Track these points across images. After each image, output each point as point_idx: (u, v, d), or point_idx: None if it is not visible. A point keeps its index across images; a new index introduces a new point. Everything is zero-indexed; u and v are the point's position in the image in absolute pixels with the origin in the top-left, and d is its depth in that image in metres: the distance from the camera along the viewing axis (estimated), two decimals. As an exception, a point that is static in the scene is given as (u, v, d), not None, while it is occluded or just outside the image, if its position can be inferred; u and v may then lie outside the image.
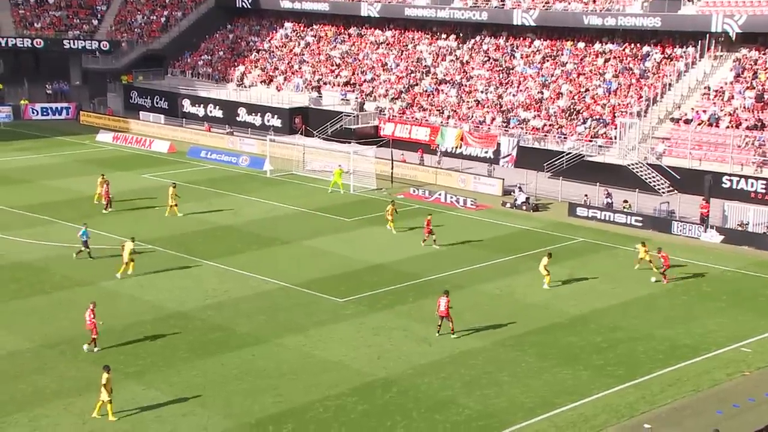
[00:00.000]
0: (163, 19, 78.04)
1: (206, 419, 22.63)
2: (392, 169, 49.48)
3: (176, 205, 41.33)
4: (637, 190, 44.23)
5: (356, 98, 61.34)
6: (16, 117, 66.31)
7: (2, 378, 24.49)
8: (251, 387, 24.31)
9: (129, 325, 28.47)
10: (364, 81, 63.80)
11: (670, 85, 52.75)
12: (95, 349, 26.41)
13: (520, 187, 45.29)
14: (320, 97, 63.13)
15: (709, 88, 51.37)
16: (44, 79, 72.33)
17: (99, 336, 26.49)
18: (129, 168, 52.29)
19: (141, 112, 66.61)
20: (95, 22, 78.43)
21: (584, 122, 52.58)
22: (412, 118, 58.27)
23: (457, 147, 54.83)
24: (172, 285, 32.30)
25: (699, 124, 49.08)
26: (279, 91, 65.84)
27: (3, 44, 73.20)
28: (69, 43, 75.20)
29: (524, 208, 44.52)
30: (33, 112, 68.19)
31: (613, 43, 57.80)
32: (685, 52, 54.42)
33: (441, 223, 41.10)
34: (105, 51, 75.12)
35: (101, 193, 43.09)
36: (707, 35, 53.05)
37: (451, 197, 45.69)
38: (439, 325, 27.98)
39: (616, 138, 50.27)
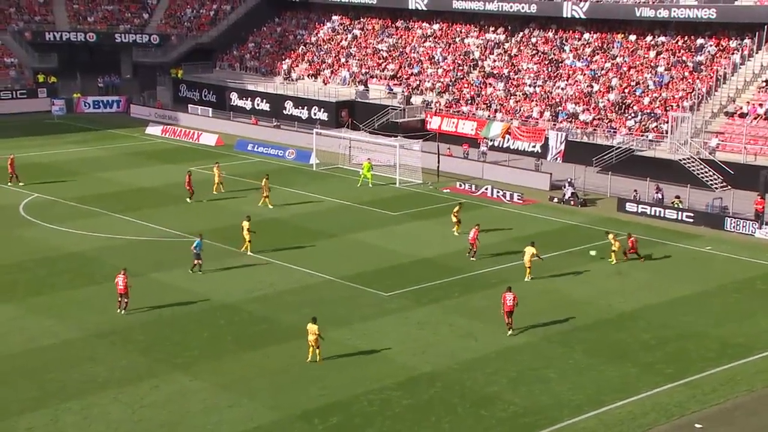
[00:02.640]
0: (212, 13, 78.89)
1: (252, 411, 22.87)
2: (438, 163, 49.34)
3: (268, 196, 41.60)
4: (688, 185, 43.48)
5: (403, 92, 61.28)
6: (69, 110, 67.67)
7: (56, 366, 25.05)
8: (296, 379, 24.50)
9: (177, 316, 28.91)
10: (411, 74, 63.70)
11: (724, 77, 51.68)
12: (122, 312, 28.41)
13: (570, 182, 44.80)
14: (367, 90, 63.20)
15: (766, 82, 50.20)
16: (96, 72, 73.66)
17: (129, 304, 28.57)
18: (176, 161, 53.00)
19: (189, 105, 67.45)
20: (146, 16, 79.62)
21: (634, 116, 51.81)
22: (459, 111, 58.03)
23: (503, 141, 54.45)
24: (219, 277, 32.67)
25: (755, 119, 48.00)
26: (326, 84, 66.11)
27: (57, 38, 74.77)
28: (120, 36, 76.52)
29: (572, 203, 44.06)
30: (85, 105, 69.54)
31: (665, 36, 56.82)
32: (740, 44, 53.27)
33: (487, 217, 40.91)
34: (155, 45, 76.26)
35: (218, 182, 43.90)
36: (765, 26, 51.83)
37: (498, 192, 45.41)
38: (508, 323, 27.54)
39: (667, 132, 49.45)
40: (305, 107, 63.40)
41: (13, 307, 29.31)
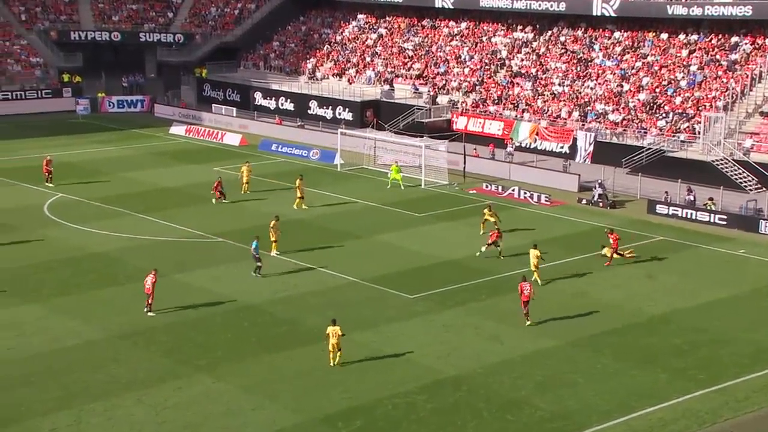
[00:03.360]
0: (236, 12, 79.35)
1: (275, 413, 22.98)
2: (464, 163, 49.26)
3: (302, 197, 41.61)
4: (721, 187, 43.05)
5: (429, 91, 61.25)
6: (93, 109, 68.37)
7: (79, 367, 25.34)
8: (320, 382, 24.57)
9: (201, 317, 29.12)
10: (437, 74, 63.66)
11: (759, 76, 51.09)
12: (150, 313, 28.72)
13: (600, 183, 44.51)
14: (392, 90, 63.23)
15: (803, 81, 49.66)
16: (121, 72, 74.35)
17: (153, 304, 28.94)
18: (200, 161, 53.37)
19: (213, 105, 67.90)
20: (170, 15, 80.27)
21: (666, 116, 51.39)
22: (486, 111, 57.89)
23: (531, 142, 54.25)
24: (242, 278, 32.86)
25: (791, 119, 47.46)
26: (351, 83, 66.24)
27: (82, 38, 75.61)
28: (145, 36, 77.20)
29: (601, 204, 43.80)
30: (109, 105, 70.25)
31: (698, 34, 56.31)
32: (776, 42, 52.68)
33: (514, 219, 40.77)
34: (179, 44, 76.87)
35: (246, 182, 44.26)
36: (802, 24, 51.27)
37: (525, 193, 45.24)
38: (526, 313, 28.21)
39: (699, 133, 48.99)
40: (330, 107, 63.57)
41: (39, 308, 29.69)
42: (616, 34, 59.60)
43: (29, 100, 68.15)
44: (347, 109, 62.44)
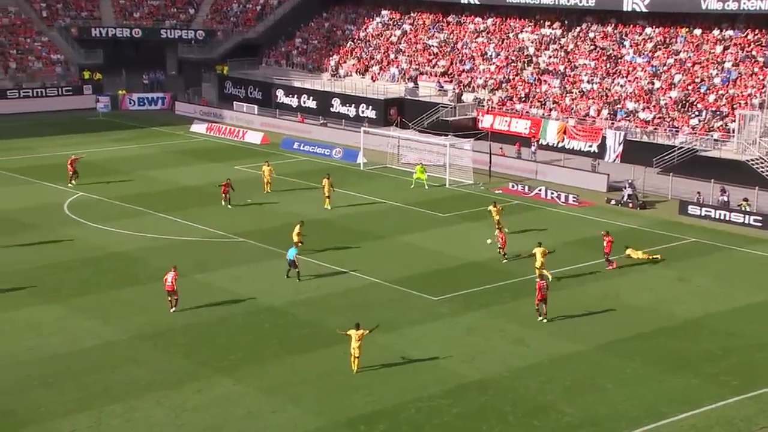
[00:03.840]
0: (258, 8, 79.66)
1: (296, 417, 23.02)
2: (490, 163, 49.12)
3: (329, 197, 41.72)
4: (756, 187, 42.56)
5: (454, 89, 61.13)
6: (113, 107, 68.94)
7: (99, 368, 25.53)
8: (342, 385, 24.59)
9: (221, 318, 29.25)
10: (463, 71, 63.52)
11: (796, 74, 50.52)
12: (172, 309, 29.28)
13: (630, 183, 44.18)
14: (416, 87, 63.18)
15: (840, 78, 48.99)
16: (141, 69, 74.90)
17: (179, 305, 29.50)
18: (221, 159, 53.63)
19: (235, 103, 68.20)
20: (191, 11, 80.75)
21: (698, 114, 50.91)
22: (512, 110, 57.66)
23: (558, 141, 53.97)
24: (264, 279, 32.96)
25: (828, 117, 46.83)
26: (374, 81, 66.26)
27: (103, 34, 76.29)
28: (166, 32, 77.76)
29: (630, 205, 43.48)
30: (130, 102, 70.78)
31: (733, 29, 55.72)
32: (815, 37, 52.01)
33: (541, 220, 40.57)
34: (200, 40, 77.30)
35: (267, 182, 44.50)
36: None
37: (552, 193, 45.03)
38: (538, 311, 28.78)
39: (734, 131, 48.46)
40: (353, 105, 63.63)
41: (59, 308, 29.97)
42: (648, 30, 59.14)
43: (50, 98, 68.83)
44: (370, 107, 62.45)
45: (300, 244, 34.26)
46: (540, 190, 45.61)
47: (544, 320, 28.81)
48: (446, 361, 26.14)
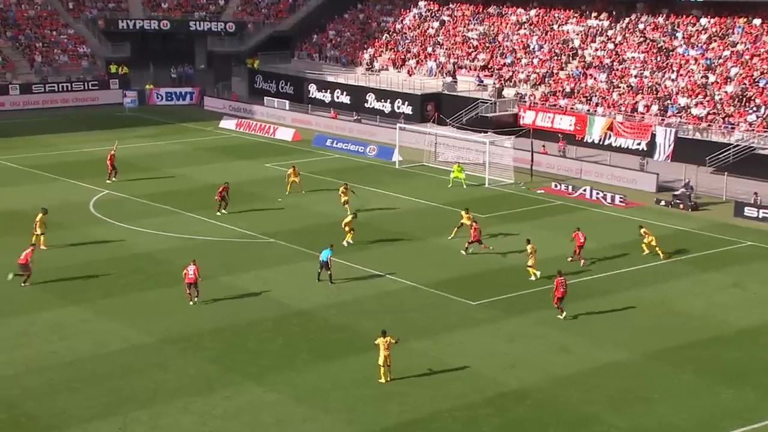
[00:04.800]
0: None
1: (328, 426, 23.13)
2: (532, 161, 48.92)
3: (347, 201, 41.12)
4: (818, 188, 41.94)
5: (494, 84, 60.96)
6: (141, 102, 69.75)
7: (125, 372, 25.86)
8: (376, 393, 24.65)
9: (251, 322, 29.47)
10: (504, 65, 63.32)
11: None
12: (196, 300, 30.36)
13: (686, 184, 43.69)
14: (455, 82, 63.10)
15: None
16: (170, 62, 75.65)
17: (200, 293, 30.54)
18: (251, 157, 54.02)
19: (265, 98, 68.65)
20: (221, 2, 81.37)
21: (757, 110, 50.22)
22: (556, 105, 57.37)
23: (604, 138, 53.58)
24: (294, 281, 33.15)
25: None
26: (410, 75, 66.30)
27: (131, 26, 77.17)
28: (195, 24, 78.42)
29: (682, 206, 43.04)
30: (157, 97, 71.58)
31: (795, 19, 54.94)
32: None
33: (585, 221, 40.33)
34: (230, 33, 77.88)
35: (291, 182, 44.71)
36: None
37: (598, 193, 44.74)
38: (560, 308, 29.25)
39: (793, 128, 47.78)
40: (388, 100, 63.72)
41: (83, 309, 30.40)
42: (702, 21, 58.47)
43: (75, 92, 69.84)
44: (407, 103, 62.50)
45: (350, 234, 36.01)
46: (585, 190, 45.34)
47: (561, 317, 29.33)
48: (485, 368, 26.08)
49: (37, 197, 44.28)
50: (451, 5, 71.95)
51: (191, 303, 30.49)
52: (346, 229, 36.70)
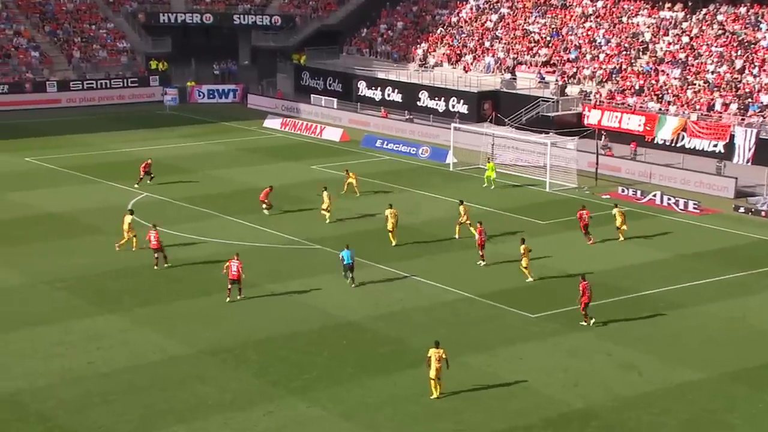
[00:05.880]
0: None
1: (376, 444, 23.15)
2: (597, 164, 48.55)
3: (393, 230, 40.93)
4: None
5: (556, 81, 60.58)
6: (182, 100, 70.67)
7: (163, 385, 26.16)
8: (428, 410, 24.59)
9: (295, 333, 29.63)
10: (567, 60, 62.88)
11: None
12: (237, 298, 31.47)
13: None
14: (514, 79, 62.84)
15: None
16: (212, 58, 76.53)
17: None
18: (296, 158, 54.36)
19: (312, 95, 69.07)
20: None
21: None
22: (624, 104, 56.79)
23: (676, 139, 52.89)
24: (341, 291, 33.25)
25: None
26: (467, 72, 66.21)
27: (172, 20, 78.17)
28: (239, 18, 79.14)
29: (764, 214, 42.28)
30: (199, 95, 72.48)
31: None
32: None
33: (655, 229, 39.84)
34: (276, 27, 78.48)
35: (348, 182, 45.49)
36: None
37: (669, 199, 44.21)
38: (586, 314, 29.61)
39: None
40: (442, 98, 63.68)
41: (119, 318, 30.86)
42: (788, 11, 57.45)
43: (114, 89, 71.07)
44: (462, 101, 62.40)
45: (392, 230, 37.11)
46: (655, 196, 44.84)
47: (591, 323, 29.61)
48: (545, 386, 25.89)
49: (74, 200, 45.14)
50: (510, -4, 71.70)
51: (228, 300, 31.33)
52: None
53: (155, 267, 34.91)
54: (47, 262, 36.10)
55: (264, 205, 42.32)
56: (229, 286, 31.68)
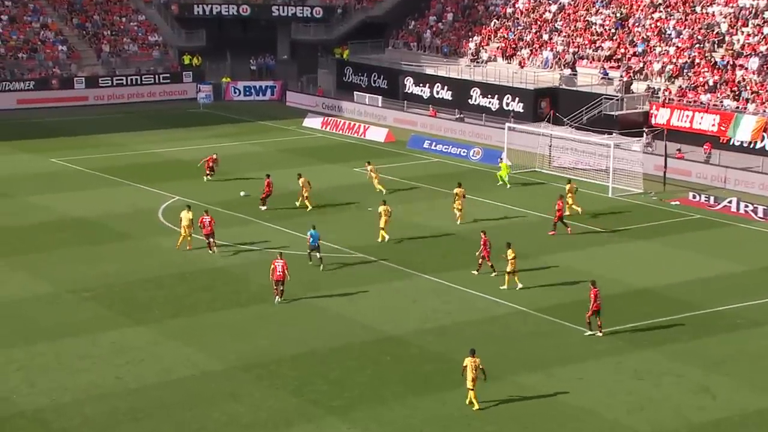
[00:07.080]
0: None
1: (422, 469, 23.12)
2: (665, 167, 48.12)
3: (308, 197, 43.96)
4: None
5: (621, 77, 60.13)
6: (216, 97, 71.32)
7: (194, 402, 26.35)
8: (477, 434, 24.53)
9: (335, 348, 29.69)
10: (634, 55, 62.38)
11: None
12: (278, 300, 32.51)
13: None
14: (574, 75, 62.49)
15: None
16: (249, 53, 77.06)
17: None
18: (338, 160, 54.53)
19: (355, 93, 69.29)
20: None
21: None
22: (696, 102, 56.18)
23: (755, 140, 52.21)
24: (385, 303, 33.29)
25: None
26: (522, 67, 65.97)
27: (207, 12, 78.82)
28: (278, 9, 79.58)
29: None
30: (235, 92, 73.03)
31: None
32: None
33: (730, 238, 39.34)
34: (317, 19, 78.82)
35: (375, 178, 46.47)
36: None
37: (746, 206, 43.70)
38: (598, 322, 29.75)
39: None
40: (496, 96, 63.53)
41: (149, 330, 31.17)
42: None
43: (145, 86, 71.88)
44: (517, 99, 62.20)
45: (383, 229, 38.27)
46: (730, 202, 44.39)
47: (598, 334, 29.86)
48: (607, 409, 25.68)
49: (102, 203, 45.66)
50: (571, -15, 71.33)
51: (277, 301, 32.45)
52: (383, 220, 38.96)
53: (209, 251, 37.53)
54: (73, 269, 36.56)
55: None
56: (275, 288, 32.51)
